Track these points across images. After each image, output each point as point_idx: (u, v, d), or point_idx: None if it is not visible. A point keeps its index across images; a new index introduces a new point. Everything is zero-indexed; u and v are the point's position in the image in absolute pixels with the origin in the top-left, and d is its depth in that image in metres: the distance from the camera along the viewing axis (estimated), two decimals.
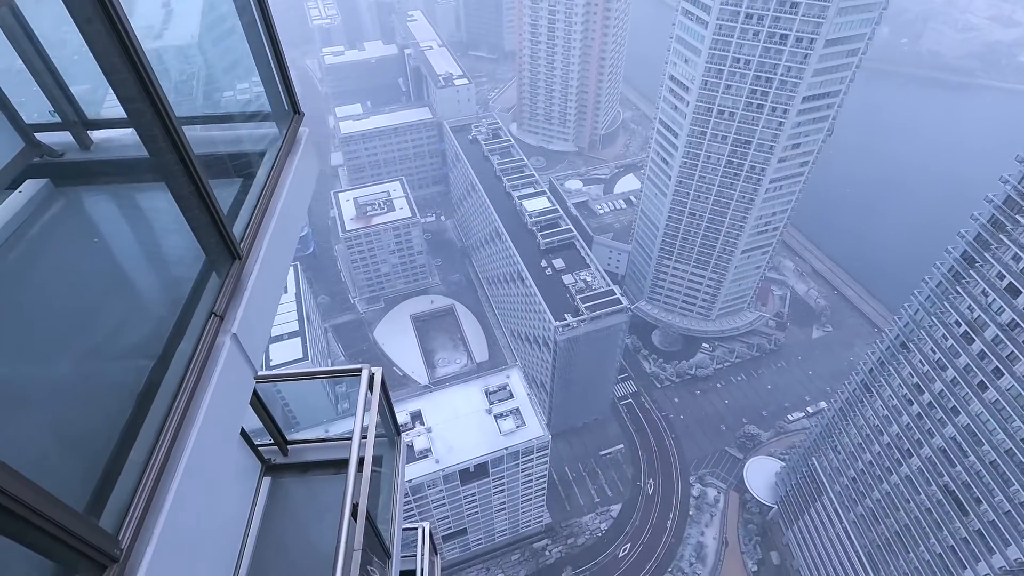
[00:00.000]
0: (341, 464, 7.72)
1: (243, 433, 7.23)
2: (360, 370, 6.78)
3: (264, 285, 3.61)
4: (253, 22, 3.93)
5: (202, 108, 4.12)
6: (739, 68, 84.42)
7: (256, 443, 7.78)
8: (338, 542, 5.06)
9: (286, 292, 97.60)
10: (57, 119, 4.07)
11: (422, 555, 10.52)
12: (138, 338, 3.01)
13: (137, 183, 3.90)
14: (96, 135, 4.24)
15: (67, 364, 2.68)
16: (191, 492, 2.76)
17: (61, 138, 4.24)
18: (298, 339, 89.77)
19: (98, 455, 2.43)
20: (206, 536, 4.32)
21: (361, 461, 5.91)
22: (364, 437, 6.21)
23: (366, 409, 6.35)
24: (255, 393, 7.09)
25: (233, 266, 3.38)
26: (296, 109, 4.50)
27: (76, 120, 4.14)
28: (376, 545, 6.67)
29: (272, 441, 7.76)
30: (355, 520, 5.34)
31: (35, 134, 4.06)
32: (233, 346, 3.21)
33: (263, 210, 3.77)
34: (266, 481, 7.75)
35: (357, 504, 5.46)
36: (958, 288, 53.62)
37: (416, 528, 10.73)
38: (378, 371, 7.07)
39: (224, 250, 3.33)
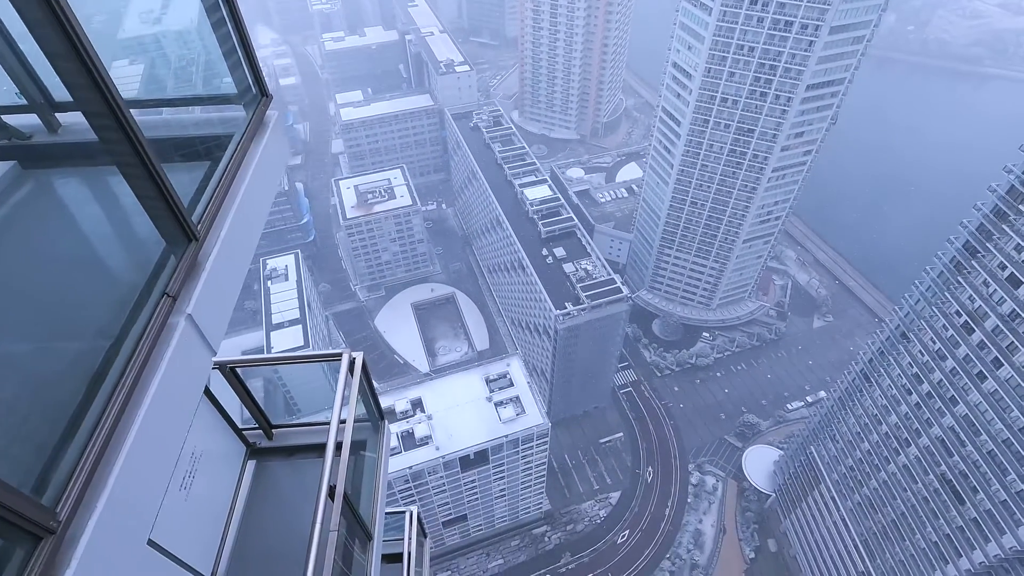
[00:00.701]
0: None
1: (226, 417, 7.30)
2: (340, 355, 6.82)
3: (224, 267, 3.63)
4: (216, 4, 3.91)
5: (158, 91, 4.11)
6: (743, 55, 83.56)
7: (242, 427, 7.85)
8: (313, 522, 5.14)
9: (287, 280, 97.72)
10: (23, 101, 4.06)
11: (409, 538, 10.66)
12: (88, 317, 3.04)
13: (101, 166, 3.91)
14: (64, 118, 4.24)
15: (15, 342, 2.71)
16: (141, 469, 2.80)
17: (31, 120, 4.25)
18: (299, 327, 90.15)
19: (39, 430, 2.47)
20: (170, 513, 4.39)
21: (340, 444, 5.98)
22: (343, 421, 6.28)
23: (345, 393, 6.41)
24: (237, 378, 7.15)
25: (189, 247, 3.41)
26: (264, 92, 4.48)
27: (43, 102, 4.13)
28: (356, 527, 6.76)
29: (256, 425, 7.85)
30: (332, 501, 5.42)
31: (1, 116, 4.07)
32: (188, 327, 3.24)
33: (224, 192, 3.78)
34: (251, 464, 7.84)
35: (335, 486, 5.53)
36: (959, 278, 53.45)
37: (404, 512, 10.87)
38: (359, 356, 7.10)
39: (179, 231, 3.35)
